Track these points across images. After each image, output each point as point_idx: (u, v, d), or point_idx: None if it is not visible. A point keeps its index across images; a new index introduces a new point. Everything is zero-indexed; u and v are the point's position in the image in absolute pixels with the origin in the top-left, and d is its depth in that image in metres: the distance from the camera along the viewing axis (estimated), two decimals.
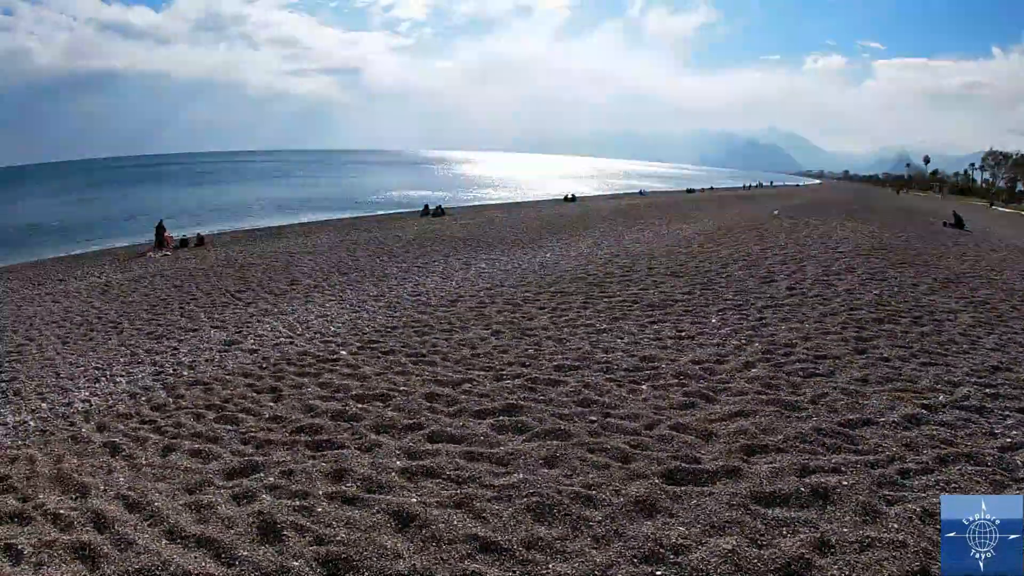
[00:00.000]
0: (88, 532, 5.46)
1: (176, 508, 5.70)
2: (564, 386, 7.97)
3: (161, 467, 6.57)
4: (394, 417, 7.29)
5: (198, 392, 8.83)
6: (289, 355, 10.29)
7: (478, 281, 15.89)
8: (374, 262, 20.49)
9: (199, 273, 20.51)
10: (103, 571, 4.89)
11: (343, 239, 28.37)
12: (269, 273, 19.39)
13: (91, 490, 6.19)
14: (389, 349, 10.13)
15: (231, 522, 5.37)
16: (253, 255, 24.15)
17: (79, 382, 9.80)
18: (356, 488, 5.75)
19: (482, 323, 11.42)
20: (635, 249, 20.52)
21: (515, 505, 5.24)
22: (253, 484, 6.00)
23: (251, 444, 6.98)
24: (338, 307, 13.83)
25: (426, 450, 6.43)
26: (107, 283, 20.02)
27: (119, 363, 10.65)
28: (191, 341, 11.76)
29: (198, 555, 4.98)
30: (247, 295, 15.98)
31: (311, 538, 5.04)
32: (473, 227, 30.91)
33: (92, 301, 16.90)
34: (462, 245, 23.86)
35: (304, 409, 7.84)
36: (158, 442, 7.22)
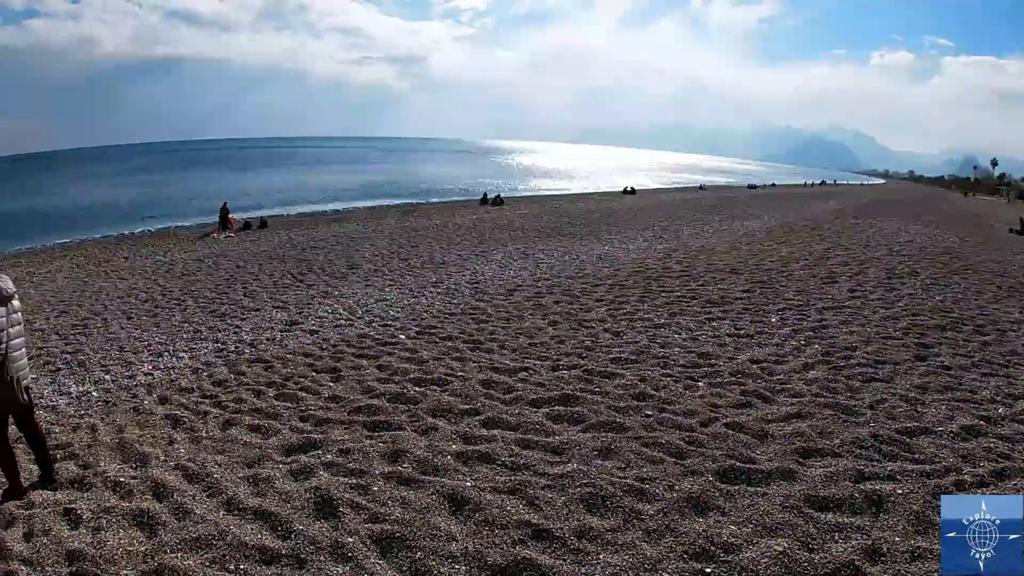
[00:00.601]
0: (147, 500, 5.71)
1: (235, 481, 5.93)
2: (620, 379, 7.93)
3: (221, 440, 6.84)
4: (451, 402, 7.39)
5: (259, 370, 9.13)
6: (349, 337, 10.48)
7: (536, 271, 15.92)
8: (433, 249, 20.70)
9: (262, 255, 21.05)
10: (161, 539, 5.09)
11: (403, 225, 28.75)
12: (330, 257, 19.77)
13: (151, 460, 6.48)
14: (447, 335, 10.23)
15: (288, 496, 5.55)
16: (315, 239, 24.66)
17: (142, 356, 10.24)
18: (412, 469, 5.88)
19: (539, 313, 11.43)
20: (694, 244, 20.26)
21: (568, 494, 5.26)
22: (311, 461, 6.18)
23: (310, 422, 7.19)
24: (397, 292, 14.00)
25: (482, 435, 6.50)
26: (172, 262, 20.73)
27: (182, 339, 11.09)
28: (253, 320, 12.10)
29: (255, 527, 5.15)
30: (308, 277, 16.35)
31: (366, 516, 5.17)
32: (532, 217, 30.95)
33: (157, 279, 17.56)
34: (520, 235, 23.92)
35: (363, 390, 8.03)
36: (219, 416, 7.52)
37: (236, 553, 4.79)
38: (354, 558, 4.62)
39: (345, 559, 4.63)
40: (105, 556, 4.89)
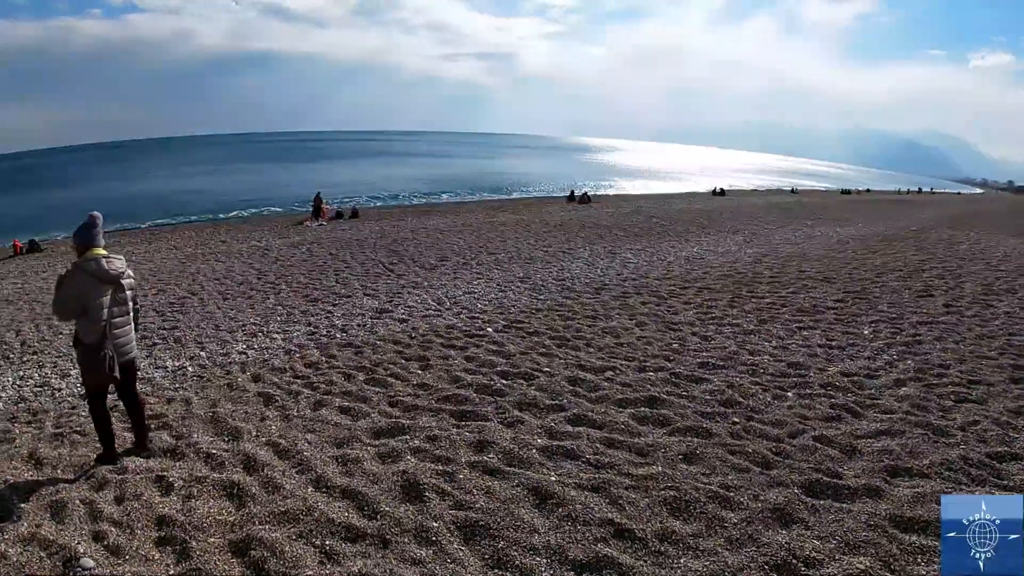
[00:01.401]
0: (238, 473, 6.00)
1: (324, 459, 6.14)
2: (708, 384, 7.80)
3: (311, 420, 7.10)
4: (537, 396, 7.43)
5: (349, 354, 9.42)
6: (437, 327, 10.67)
7: (623, 271, 15.80)
8: (520, 245, 20.84)
9: (354, 243, 21.62)
10: (249, 510, 5.33)
11: (491, 220, 29.04)
12: (420, 248, 20.16)
13: (243, 435, 6.80)
14: (534, 330, 10.30)
15: (376, 478, 5.72)
16: (405, 230, 25.18)
17: (237, 335, 10.71)
18: (497, 460, 5.97)
19: (627, 313, 11.35)
20: (785, 250, 19.69)
21: (652, 496, 5.23)
22: (398, 445, 6.35)
23: (398, 407, 7.38)
24: (485, 285, 14.16)
25: (567, 432, 6.52)
26: (267, 247, 21.52)
27: (276, 321, 11.53)
28: (344, 306, 12.47)
29: (342, 505, 5.33)
30: (399, 267, 16.72)
31: (451, 503, 5.27)
32: (619, 216, 30.74)
33: (252, 263, 18.30)
34: (607, 233, 23.81)
35: (450, 379, 8.17)
36: (310, 397, 7.83)
37: (323, 529, 4.96)
38: (438, 542, 4.72)
39: (429, 543, 4.73)
40: (194, 523, 5.15)
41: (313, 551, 4.72)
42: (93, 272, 5.67)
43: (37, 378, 9.59)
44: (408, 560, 4.55)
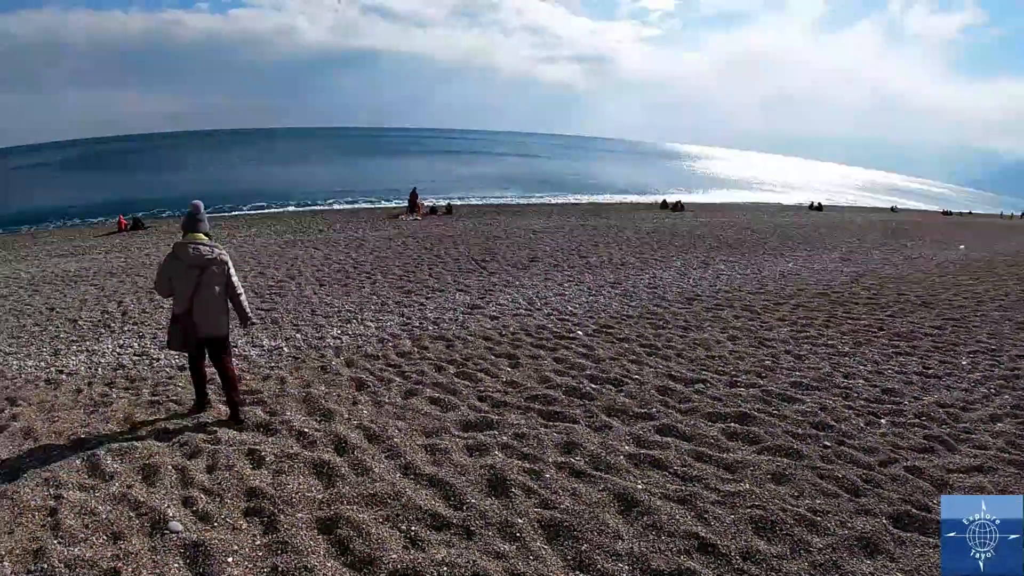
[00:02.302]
0: (329, 453, 6.14)
1: (413, 447, 6.22)
2: (800, 404, 7.52)
3: (402, 408, 7.21)
4: (626, 403, 7.34)
5: (441, 347, 9.55)
6: (527, 326, 10.67)
7: (716, 282, 15.45)
8: (612, 250, 20.68)
9: (447, 239, 21.89)
10: (339, 490, 5.44)
11: (583, 223, 28.97)
12: (512, 247, 20.26)
13: (335, 416, 6.96)
14: (624, 337, 10.18)
15: (463, 470, 5.75)
16: (498, 229, 25.35)
17: (332, 320, 11.00)
18: (584, 463, 5.91)
19: (719, 326, 11.08)
20: (884, 271, 18.81)
21: (738, 513, 5.07)
22: (487, 439, 6.37)
23: (487, 402, 7.41)
24: (576, 288, 14.10)
25: (655, 441, 6.40)
26: (363, 238, 22.03)
27: (370, 310, 11.79)
28: (437, 300, 12.64)
29: (429, 493, 5.37)
30: (491, 265, 16.84)
31: (537, 501, 5.25)
32: (712, 226, 30.10)
33: (349, 252, 18.79)
34: (700, 243, 23.36)
35: (539, 379, 8.16)
36: (401, 385, 7.97)
37: (409, 514, 5.00)
38: (521, 539, 4.71)
39: (512, 538, 4.73)
40: (283, 498, 5.28)
41: (399, 535, 4.77)
42: (179, 257, 6.38)
43: (136, 347, 10.06)
44: (491, 553, 4.55)
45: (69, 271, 18.17)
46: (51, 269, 18.87)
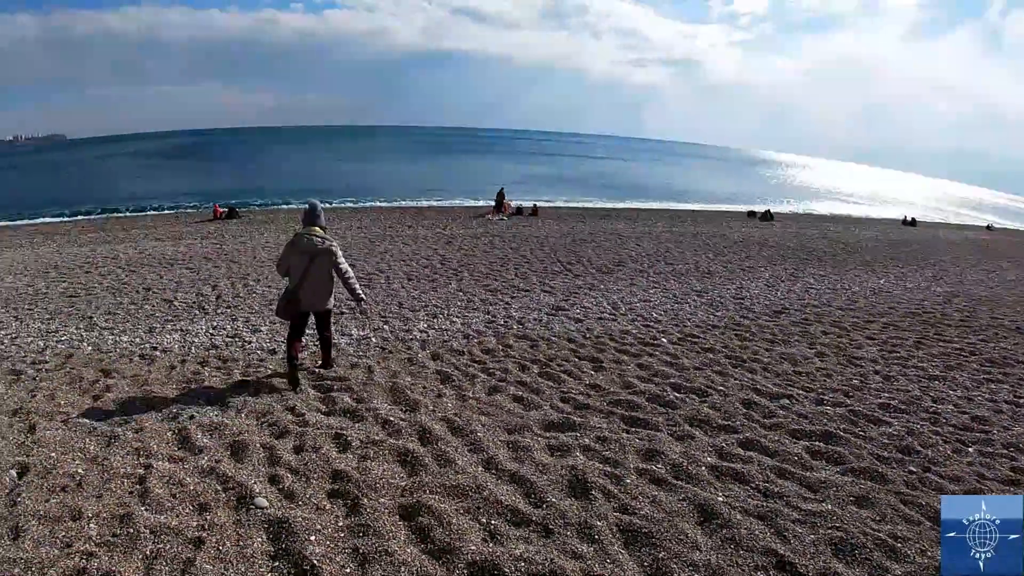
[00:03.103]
0: (413, 442, 6.27)
1: (495, 443, 6.29)
2: (887, 427, 7.24)
3: (486, 403, 7.32)
4: (709, 414, 7.23)
5: (525, 346, 9.63)
6: (612, 331, 10.64)
7: (804, 296, 15.01)
8: (699, 258, 20.37)
9: (533, 240, 21.97)
10: (421, 478, 5.54)
11: (669, 229, 28.63)
12: (598, 251, 20.20)
13: (420, 407, 7.11)
14: (709, 347, 10.03)
15: (544, 469, 5.77)
16: (583, 232, 25.33)
17: (419, 314, 11.23)
18: (665, 471, 5.86)
19: (806, 340, 10.78)
20: (977, 292, 17.86)
21: (818, 534, 4.93)
22: (568, 440, 6.38)
23: (570, 404, 7.43)
24: (661, 295, 13.96)
25: (738, 455, 6.28)
26: (451, 236, 22.33)
27: (456, 306, 11.98)
28: (522, 299, 12.73)
29: (510, 489, 5.42)
30: (576, 268, 16.84)
31: (616, 505, 5.23)
32: (802, 237, 29.22)
33: (437, 249, 19.09)
34: (789, 254, 22.75)
35: (622, 384, 8.14)
36: (485, 381, 8.08)
37: (490, 508, 5.06)
38: (599, 541, 4.69)
39: (591, 540, 4.72)
40: (368, 482, 5.41)
41: (478, 528, 4.83)
42: (295, 244, 7.55)
43: (229, 329, 10.45)
44: (569, 553, 4.55)
45: (166, 254, 18.97)
46: (148, 251, 19.73)
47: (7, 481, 5.70)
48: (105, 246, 21.44)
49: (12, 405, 7.57)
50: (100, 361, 9.12)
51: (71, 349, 9.83)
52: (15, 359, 9.45)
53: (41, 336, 10.69)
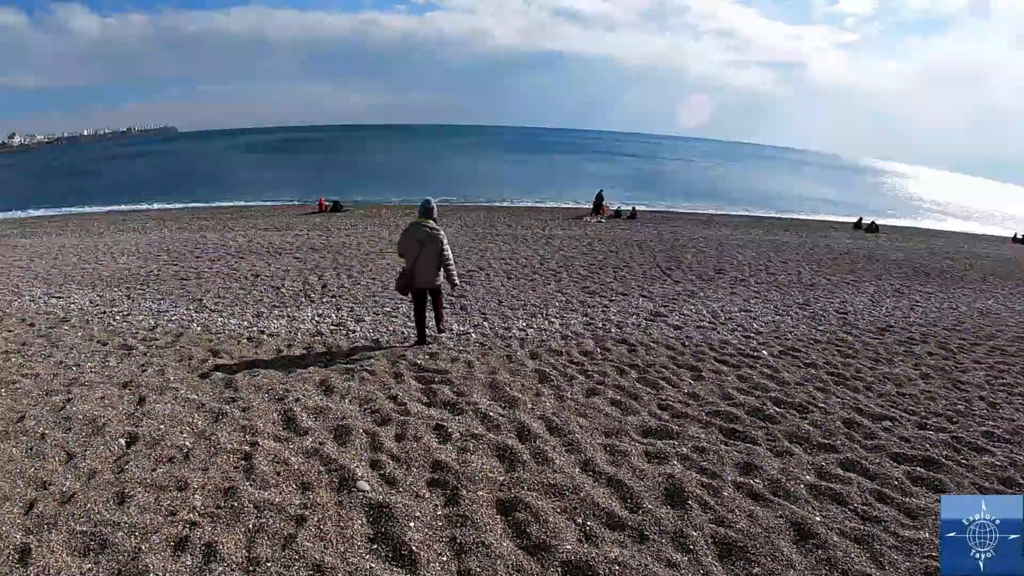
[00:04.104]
0: (511, 438, 6.37)
1: (593, 445, 6.30)
2: (990, 456, 6.87)
3: (584, 405, 7.33)
4: (810, 431, 7.03)
5: (623, 350, 9.60)
6: (711, 340, 10.49)
7: (910, 314, 14.34)
8: (801, 269, 19.76)
9: (632, 244, 21.87)
10: (519, 475, 5.63)
11: (771, 238, 27.92)
12: (698, 258, 19.91)
13: (519, 404, 7.22)
14: (811, 362, 9.74)
15: (641, 475, 5.75)
16: (683, 237, 25.02)
17: (518, 313, 11.39)
18: (763, 486, 5.75)
19: (911, 361, 10.33)
20: None
21: (914, 562, 4.76)
22: (666, 448, 6.34)
23: (668, 412, 7.36)
24: (762, 306, 13.65)
25: (837, 475, 6.09)
26: (550, 236, 22.44)
27: (554, 306, 12.07)
28: (620, 303, 12.70)
29: (606, 492, 5.43)
30: (675, 274, 16.64)
31: (712, 516, 5.18)
32: (909, 251, 27.84)
33: (536, 249, 19.28)
34: (895, 269, 21.76)
35: (721, 395, 8.01)
36: (583, 383, 8.10)
37: (586, 509, 5.09)
38: (693, 552, 4.67)
39: (685, 550, 4.69)
40: (467, 475, 5.54)
41: (574, 528, 4.87)
42: (410, 232, 8.86)
43: (334, 318, 10.81)
44: (663, 561, 4.55)
45: (273, 243, 19.72)
46: (257, 240, 20.55)
47: (116, 449, 6.08)
48: (215, 233, 22.43)
49: (123, 378, 8.06)
50: (209, 341, 9.61)
51: (181, 328, 10.39)
52: (127, 335, 10.06)
53: (152, 315, 11.33)
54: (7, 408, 7.12)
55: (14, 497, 5.29)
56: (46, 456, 5.95)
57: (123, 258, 17.83)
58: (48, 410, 7.03)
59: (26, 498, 5.28)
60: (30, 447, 6.14)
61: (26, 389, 7.73)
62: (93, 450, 6.06)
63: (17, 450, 6.08)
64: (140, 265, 16.51)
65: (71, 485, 5.45)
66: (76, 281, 14.82)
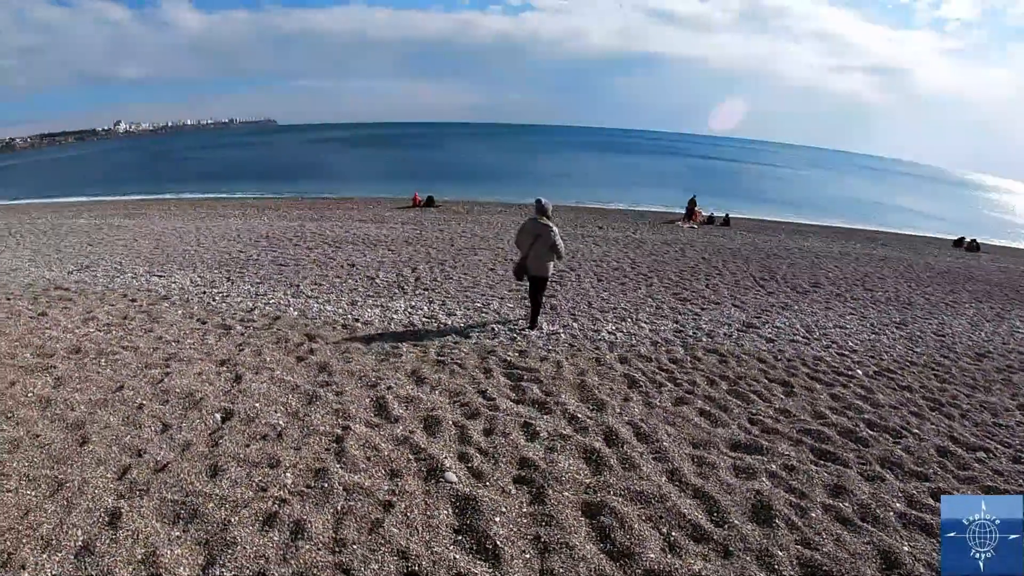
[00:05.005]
0: (599, 441, 6.39)
1: (681, 455, 6.26)
2: None
3: (672, 414, 7.28)
4: (902, 457, 6.79)
5: (714, 360, 9.48)
6: (804, 355, 10.22)
7: (1010, 340, 13.55)
8: (899, 286, 18.99)
9: (726, 252, 21.49)
10: (605, 478, 5.65)
11: (869, 252, 26.92)
12: (793, 269, 19.40)
13: (607, 408, 7.23)
14: (907, 385, 9.38)
15: (729, 489, 5.69)
16: (777, 247, 24.42)
17: (607, 316, 11.38)
18: (851, 511, 5.59)
19: (1008, 390, 9.80)
20: None
21: None
22: (755, 464, 6.24)
23: (758, 426, 7.24)
24: (857, 323, 13.20)
25: (928, 505, 5.87)
26: (641, 240, 22.29)
27: (645, 311, 11.99)
28: (712, 312, 12.49)
29: (692, 504, 5.40)
30: (769, 285, 16.25)
31: (798, 537, 5.08)
32: (1011, 273, 26.11)
33: (627, 252, 19.16)
34: (997, 292, 20.61)
35: (813, 413, 7.80)
36: (672, 391, 8.03)
37: (671, 519, 5.08)
38: (778, 572, 4.60)
39: (769, 568, 4.63)
40: (554, 474, 5.61)
41: (658, 537, 4.86)
42: (525, 227, 10.10)
43: (426, 310, 11.03)
44: None
45: (369, 235, 20.19)
46: (353, 231, 21.06)
47: (211, 423, 6.35)
48: (312, 223, 23.09)
49: (221, 356, 8.41)
50: (305, 326, 9.93)
51: (278, 312, 10.76)
52: (225, 315, 10.49)
53: (250, 297, 11.77)
54: (107, 378, 7.53)
55: (108, 462, 5.60)
56: (142, 425, 6.29)
57: (223, 242, 18.55)
58: (146, 382, 7.42)
59: (120, 464, 5.59)
60: (127, 416, 6.50)
61: (126, 361, 8.17)
62: (189, 423, 6.37)
63: (114, 418, 6.43)
64: (240, 250, 17.14)
65: (165, 455, 5.74)
66: (177, 262, 15.51)
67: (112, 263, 15.23)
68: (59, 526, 4.72)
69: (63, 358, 8.24)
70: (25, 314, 10.39)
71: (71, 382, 7.41)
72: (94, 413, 6.57)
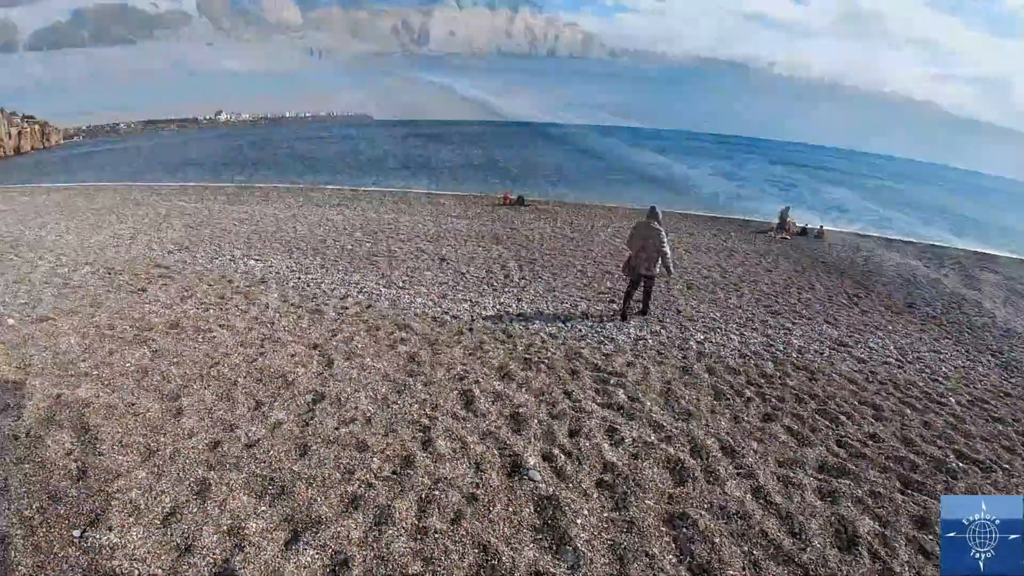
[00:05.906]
0: (684, 452, 6.38)
1: (766, 473, 6.20)
2: None
3: (759, 430, 7.18)
4: (991, 493, 6.52)
5: (803, 377, 9.23)
6: (897, 379, 9.89)
7: None
8: (996, 310, 18.11)
9: (819, 265, 20.92)
10: (688, 490, 5.65)
11: (966, 274, 25.73)
12: (888, 287, 18.71)
13: (693, 419, 7.19)
14: (999, 416, 8.95)
15: (813, 512, 5.61)
16: (874, 263, 23.58)
17: (696, 324, 11.27)
18: (936, 544, 5.37)
19: None
20: None
21: None
22: (841, 487, 6.11)
23: (846, 449, 7.05)
24: (952, 348, 12.66)
25: None
26: (732, 249, 21.88)
27: (734, 322, 11.78)
28: (803, 327, 12.18)
29: (776, 523, 5.35)
30: (864, 302, 15.73)
31: (881, 568, 4.98)
32: None
33: (718, 260, 18.80)
34: None
35: (902, 440, 7.55)
36: (760, 407, 7.89)
37: (755, 538, 5.04)
38: None
39: None
40: (637, 481, 5.66)
41: (740, 555, 4.84)
42: (636, 229, 11.02)
43: (514, 308, 11.15)
44: None
45: (460, 231, 20.44)
46: (445, 226, 21.35)
47: (302, 404, 6.59)
48: (407, 216, 23.50)
49: (314, 339, 8.70)
50: (396, 316, 10.16)
51: (370, 301, 11.03)
52: (319, 301, 10.81)
53: (344, 285, 12.09)
54: (203, 354, 7.89)
55: (200, 434, 5.89)
56: (236, 401, 6.58)
57: (318, 230, 19.05)
58: (241, 360, 7.75)
59: (212, 437, 5.87)
60: (221, 391, 6.80)
61: (222, 339, 8.54)
62: (281, 402, 6.63)
63: (209, 392, 6.75)
64: (335, 239, 17.59)
65: (256, 431, 5.99)
66: (273, 247, 16.01)
67: (211, 245, 15.83)
68: (148, 492, 5.00)
69: (161, 332, 8.67)
70: (125, 288, 10.95)
71: (168, 355, 7.80)
72: (189, 386, 6.91)
